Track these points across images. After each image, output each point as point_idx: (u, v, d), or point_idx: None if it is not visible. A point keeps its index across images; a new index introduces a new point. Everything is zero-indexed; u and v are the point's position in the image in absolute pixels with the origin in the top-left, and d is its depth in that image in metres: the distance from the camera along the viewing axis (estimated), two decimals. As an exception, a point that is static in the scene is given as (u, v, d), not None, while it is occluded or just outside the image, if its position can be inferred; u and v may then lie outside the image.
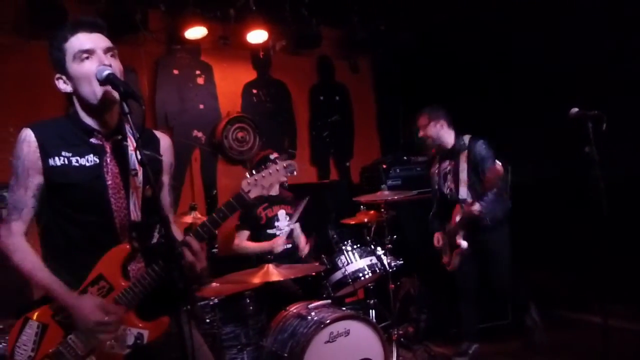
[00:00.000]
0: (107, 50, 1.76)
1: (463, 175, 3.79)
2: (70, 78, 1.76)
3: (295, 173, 1.93)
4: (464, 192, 3.79)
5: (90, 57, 1.73)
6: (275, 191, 4.24)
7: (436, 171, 4.12)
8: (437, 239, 4.12)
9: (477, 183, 3.74)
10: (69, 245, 1.76)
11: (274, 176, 1.89)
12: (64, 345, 1.70)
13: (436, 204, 4.20)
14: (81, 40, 1.74)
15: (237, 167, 5.31)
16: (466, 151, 3.85)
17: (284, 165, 1.91)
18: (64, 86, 1.79)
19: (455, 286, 4.06)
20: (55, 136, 1.76)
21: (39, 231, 1.81)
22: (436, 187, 4.13)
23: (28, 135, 1.74)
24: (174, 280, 1.60)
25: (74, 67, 1.74)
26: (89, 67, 1.72)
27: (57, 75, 1.79)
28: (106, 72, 1.66)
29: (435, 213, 4.22)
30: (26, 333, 1.71)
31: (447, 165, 4.00)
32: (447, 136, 3.99)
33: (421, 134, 4.04)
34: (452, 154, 3.96)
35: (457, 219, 3.83)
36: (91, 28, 1.77)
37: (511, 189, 4.96)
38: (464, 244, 3.78)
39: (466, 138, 3.95)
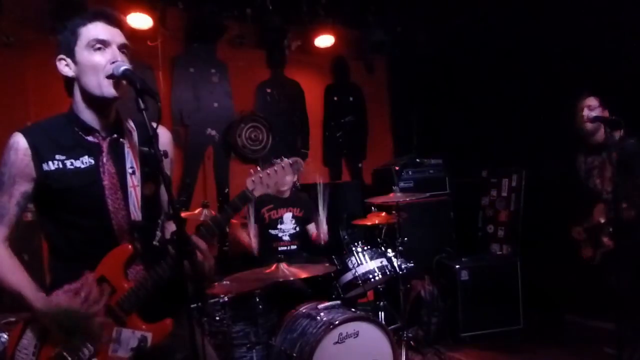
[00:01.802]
0: (122, 47, 1.73)
1: (608, 174, 3.48)
2: (76, 63, 1.71)
3: (301, 170, 1.86)
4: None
5: (103, 49, 1.69)
6: (286, 193, 4.26)
7: (581, 165, 3.72)
8: (578, 232, 3.73)
9: (623, 185, 3.34)
10: (70, 248, 1.73)
11: (279, 174, 1.82)
12: (67, 348, 1.66)
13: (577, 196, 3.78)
14: (99, 30, 1.70)
15: (250, 166, 5.28)
16: (614, 151, 3.41)
17: (290, 162, 1.84)
18: (65, 69, 1.74)
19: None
20: (48, 139, 1.72)
21: (44, 236, 1.79)
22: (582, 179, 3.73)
23: (16, 142, 1.69)
24: (185, 278, 1.57)
25: (84, 54, 1.69)
26: (99, 59, 1.68)
27: (60, 56, 1.73)
28: (123, 68, 1.64)
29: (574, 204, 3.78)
30: (27, 336, 1.68)
31: (592, 160, 3.64)
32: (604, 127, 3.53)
33: (586, 113, 3.51)
34: (599, 148, 3.56)
35: (601, 219, 3.51)
36: (112, 21, 1.73)
37: (525, 194, 4.95)
38: (608, 242, 3.48)
39: (616, 135, 3.51)
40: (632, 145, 3.42)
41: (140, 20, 4.42)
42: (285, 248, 4.16)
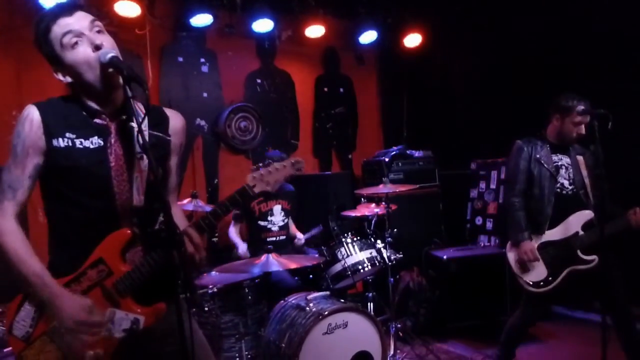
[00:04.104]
0: (91, 27, 1.69)
1: (587, 181, 3.27)
2: (67, 68, 1.69)
3: (302, 171, 1.88)
4: (591, 201, 3.24)
5: (79, 42, 1.67)
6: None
7: (548, 161, 3.28)
8: (530, 251, 3.19)
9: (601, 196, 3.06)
10: (72, 228, 1.73)
11: (280, 172, 1.83)
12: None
13: (538, 203, 3.27)
14: (63, 25, 1.67)
15: (239, 156, 5.30)
16: (582, 157, 3.31)
17: (292, 162, 1.86)
18: (63, 78, 1.73)
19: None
20: (60, 116, 1.72)
21: (46, 213, 1.79)
22: (539, 178, 3.27)
23: (31, 114, 1.69)
24: (174, 267, 1.58)
25: (67, 55, 1.67)
26: (84, 52, 1.66)
27: (54, 68, 1.73)
28: (109, 55, 1.62)
29: (530, 214, 3.29)
30: (25, 309, 1.71)
31: (558, 159, 3.31)
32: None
33: (581, 130, 3.25)
34: (563, 149, 3.33)
35: (579, 230, 3.15)
36: (70, 10, 1.70)
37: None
38: (595, 258, 3.12)
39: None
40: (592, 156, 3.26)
41: (128, 9, 4.35)
42: (274, 239, 4.19)
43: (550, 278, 3.18)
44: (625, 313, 3.14)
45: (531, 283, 3.20)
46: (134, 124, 1.76)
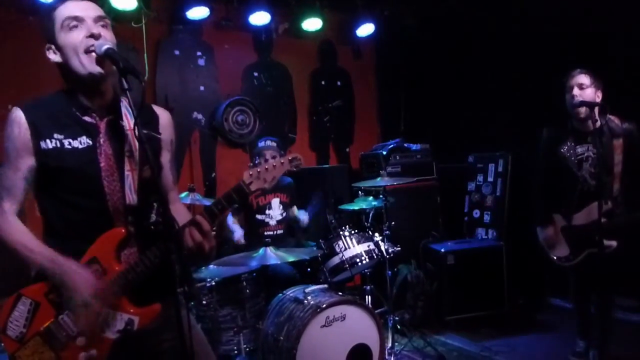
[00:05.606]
0: (97, 20, 1.70)
1: (618, 168, 3.13)
2: (58, 48, 1.70)
3: (300, 167, 1.87)
4: (616, 189, 3.14)
5: (78, 26, 1.67)
6: None
7: (571, 154, 3.26)
8: (551, 229, 3.42)
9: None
10: (66, 228, 1.73)
11: (277, 169, 1.82)
12: (55, 324, 1.68)
13: (561, 193, 3.37)
14: (69, 8, 1.69)
15: (237, 150, 5.29)
16: (621, 139, 3.11)
17: (289, 158, 1.84)
18: (53, 56, 1.73)
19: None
20: (47, 117, 1.71)
21: (40, 213, 1.78)
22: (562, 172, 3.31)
23: (18, 117, 1.69)
24: (171, 260, 1.57)
25: (62, 36, 1.68)
26: (75, 37, 1.66)
27: (47, 45, 1.73)
28: (105, 47, 1.61)
29: (550, 202, 3.42)
30: (19, 309, 1.70)
31: (584, 150, 3.23)
32: (596, 112, 3.12)
33: (576, 92, 3.14)
34: (593, 136, 3.14)
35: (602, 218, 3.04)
36: None
37: (511, 179, 4.99)
38: (614, 243, 3.12)
39: (616, 120, 3.17)
40: (634, 129, 3.20)
41: (124, 2, 4.33)
42: (271, 233, 4.18)
43: (571, 257, 3.34)
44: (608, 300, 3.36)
45: (555, 258, 3.41)
46: (124, 122, 1.75)
